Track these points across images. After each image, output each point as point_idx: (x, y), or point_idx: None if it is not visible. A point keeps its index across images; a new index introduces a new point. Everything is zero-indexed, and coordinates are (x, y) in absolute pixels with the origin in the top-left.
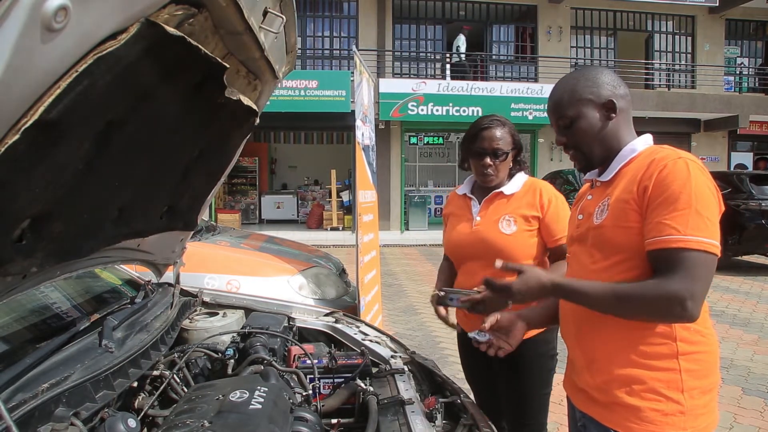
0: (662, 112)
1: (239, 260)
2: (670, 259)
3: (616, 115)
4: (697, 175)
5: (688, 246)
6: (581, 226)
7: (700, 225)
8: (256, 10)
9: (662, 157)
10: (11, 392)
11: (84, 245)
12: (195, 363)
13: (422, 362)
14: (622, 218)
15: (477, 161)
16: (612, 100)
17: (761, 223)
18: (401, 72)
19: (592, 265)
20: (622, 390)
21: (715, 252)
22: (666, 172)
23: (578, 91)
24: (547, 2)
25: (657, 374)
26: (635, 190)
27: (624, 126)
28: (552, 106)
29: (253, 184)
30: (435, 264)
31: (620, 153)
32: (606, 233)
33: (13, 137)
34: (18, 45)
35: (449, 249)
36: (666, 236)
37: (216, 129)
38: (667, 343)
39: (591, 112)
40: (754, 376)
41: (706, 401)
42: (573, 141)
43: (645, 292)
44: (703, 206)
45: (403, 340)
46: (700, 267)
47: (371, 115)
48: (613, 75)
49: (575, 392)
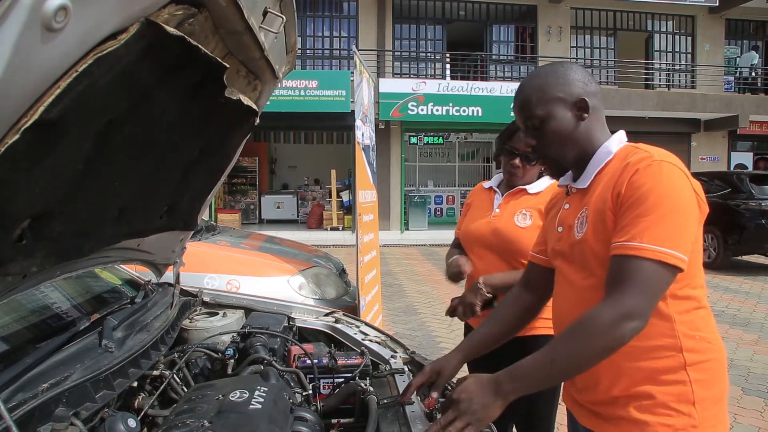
0: (662, 112)
1: (239, 260)
2: (620, 269)
3: (589, 114)
4: (671, 178)
5: (642, 254)
6: (562, 240)
7: (663, 232)
8: (256, 10)
9: (636, 160)
10: (11, 392)
11: (84, 245)
12: (195, 363)
13: (422, 362)
14: (601, 230)
15: (507, 159)
16: (584, 98)
17: (761, 223)
18: (401, 72)
19: (581, 282)
20: (629, 406)
21: (674, 263)
22: (637, 176)
23: (547, 90)
24: (547, 2)
25: (666, 388)
26: (609, 198)
27: (597, 125)
28: (519, 104)
29: (253, 184)
30: (435, 264)
31: (595, 156)
32: (589, 248)
33: (13, 137)
34: (18, 45)
35: (464, 237)
36: (622, 242)
37: (216, 129)
38: (674, 356)
39: (562, 112)
40: (754, 376)
41: (717, 411)
42: (542, 143)
43: (586, 327)
44: (671, 211)
45: (403, 340)
46: (649, 279)
47: (371, 115)
48: (583, 71)
49: (576, 407)
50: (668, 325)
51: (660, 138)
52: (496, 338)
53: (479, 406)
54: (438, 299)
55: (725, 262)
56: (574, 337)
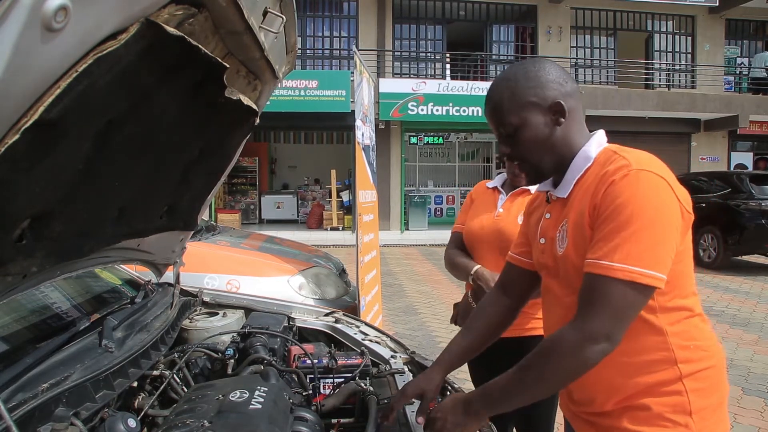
0: (662, 112)
1: (239, 260)
2: (590, 288)
3: (566, 118)
4: (648, 188)
5: (612, 275)
6: (546, 253)
7: (635, 250)
8: (256, 10)
9: (613, 170)
10: (11, 392)
11: (84, 245)
12: (195, 363)
13: (422, 362)
14: (581, 245)
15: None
16: (559, 102)
17: (761, 223)
18: (401, 72)
19: (566, 298)
20: (624, 417)
21: (646, 283)
22: (613, 188)
23: (519, 94)
24: (547, 2)
25: (662, 399)
26: (587, 212)
27: (575, 128)
28: (490, 111)
29: (253, 184)
30: (435, 264)
31: (573, 162)
32: (571, 264)
33: (13, 137)
34: (18, 45)
35: (467, 236)
36: (594, 259)
37: (216, 129)
38: (669, 368)
39: (536, 118)
40: (754, 376)
41: (717, 419)
42: (518, 152)
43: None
44: (647, 226)
45: (403, 340)
46: (617, 301)
47: (371, 115)
48: (558, 70)
49: (572, 416)
50: (660, 339)
51: (660, 138)
52: (475, 347)
53: (452, 426)
54: (438, 299)
55: (725, 262)
56: (541, 359)
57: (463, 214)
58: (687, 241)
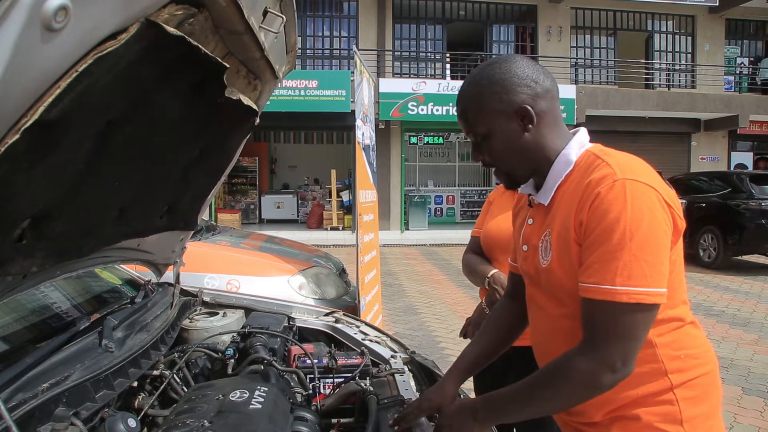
0: (662, 112)
1: (239, 260)
2: (595, 314)
3: (536, 122)
4: (637, 200)
5: (617, 299)
6: (528, 261)
7: (636, 270)
8: (256, 10)
9: (598, 179)
10: (11, 392)
11: (84, 245)
12: (195, 363)
13: (422, 362)
14: (567, 261)
15: None
16: (525, 107)
17: (761, 223)
18: (401, 72)
19: (553, 310)
20: (613, 428)
21: (652, 301)
22: (598, 202)
23: (484, 102)
24: (547, 2)
25: (652, 409)
26: (572, 227)
27: (549, 131)
28: (458, 116)
29: (253, 184)
30: (435, 264)
31: (553, 167)
32: (556, 278)
33: (13, 137)
34: (18, 45)
35: (485, 240)
36: (591, 284)
37: (216, 129)
38: (659, 380)
39: (504, 125)
40: (754, 376)
41: (709, 427)
42: (489, 158)
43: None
44: (643, 243)
45: (403, 340)
46: (627, 325)
47: (371, 115)
48: (529, 68)
49: (563, 425)
50: (650, 351)
51: (660, 138)
52: (489, 354)
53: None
54: (438, 299)
55: (725, 262)
56: (552, 383)
57: (482, 218)
58: (677, 250)
